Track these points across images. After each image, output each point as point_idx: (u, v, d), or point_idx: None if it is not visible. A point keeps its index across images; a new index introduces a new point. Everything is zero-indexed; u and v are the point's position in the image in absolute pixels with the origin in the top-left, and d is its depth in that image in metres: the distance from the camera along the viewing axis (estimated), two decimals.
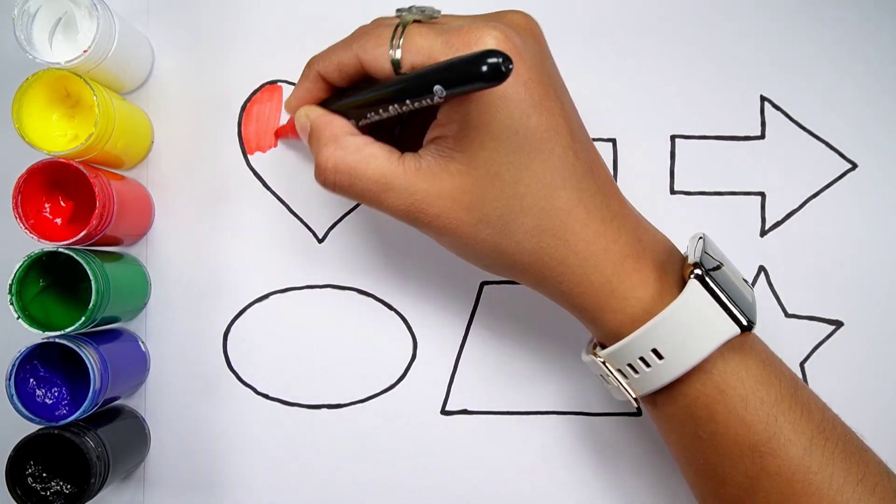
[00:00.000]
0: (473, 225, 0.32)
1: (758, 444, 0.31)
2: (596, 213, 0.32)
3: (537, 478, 0.42)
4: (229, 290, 0.42)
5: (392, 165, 0.32)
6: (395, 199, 0.33)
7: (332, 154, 0.33)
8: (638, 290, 0.32)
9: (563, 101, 0.33)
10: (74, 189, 0.38)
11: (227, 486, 0.42)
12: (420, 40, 0.31)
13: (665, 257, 0.34)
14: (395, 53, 0.32)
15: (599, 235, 0.32)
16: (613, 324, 0.33)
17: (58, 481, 0.36)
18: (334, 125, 0.34)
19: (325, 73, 0.35)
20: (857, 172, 0.43)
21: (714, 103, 0.43)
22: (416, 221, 0.33)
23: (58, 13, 0.38)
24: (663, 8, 0.43)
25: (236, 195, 0.43)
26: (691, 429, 0.33)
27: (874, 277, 0.42)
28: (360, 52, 0.33)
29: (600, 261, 0.32)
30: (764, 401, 0.31)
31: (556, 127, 0.31)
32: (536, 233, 0.32)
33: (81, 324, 0.35)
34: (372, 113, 0.33)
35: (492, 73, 0.27)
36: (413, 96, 0.30)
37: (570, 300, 0.33)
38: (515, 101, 0.31)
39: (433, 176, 0.32)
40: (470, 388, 0.43)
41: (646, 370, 0.32)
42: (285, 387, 0.42)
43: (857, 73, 0.43)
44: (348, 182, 0.33)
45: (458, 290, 0.43)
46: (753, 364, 0.32)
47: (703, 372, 0.32)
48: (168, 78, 0.43)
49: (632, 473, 0.42)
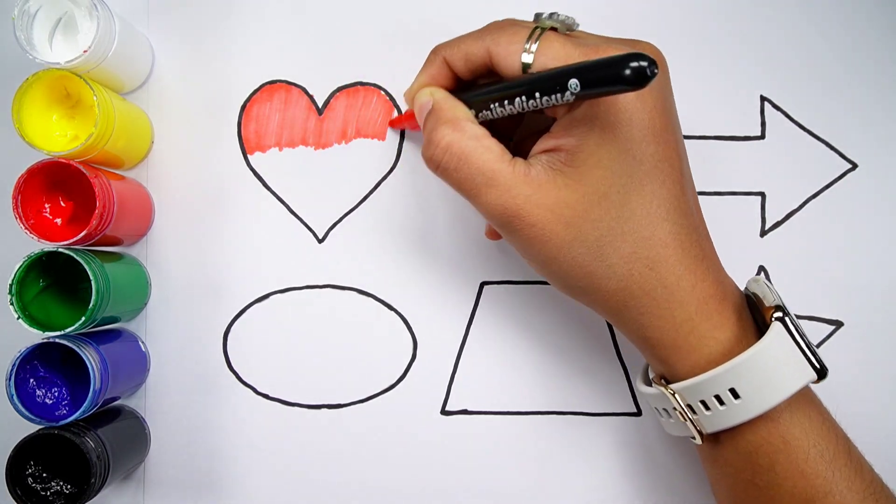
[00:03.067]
0: (568, 241, 0.32)
1: (814, 498, 0.31)
2: (690, 250, 0.32)
3: (537, 478, 0.42)
4: (229, 290, 0.42)
5: (503, 164, 0.32)
6: (495, 197, 0.32)
7: (449, 134, 0.33)
8: (718, 332, 0.32)
9: (678, 136, 0.33)
10: (74, 189, 0.38)
11: (227, 486, 0.42)
12: (557, 46, 0.31)
13: (741, 302, 0.33)
14: (528, 56, 0.31)
15: (690, 272, 0.32)
16: (688, 362, 0.32)
17: (58, 481, 0.36)
18: (458, 109, 0.34)
19: (451, 60, 0.34)
20: (857, 172, 0.43)
21: (714, 103, 0.43)
22: (510, 226, 0.32)
23: (58, 13, 0.38)
24: (663, 8, 0.43)
25: (236, 195, 0.43)
26: (748, 475, 0.32)
27: (874, 277, 0.42)
28: (493, 45, 0.32)
29: (686, 297, 0.32)
30: (823, 455, 0.31)
31: (671, 160, 0.32)
32: (631, 260, 0.31)
33: (81, 324, 0.35)
34: (497, 105, 0.32)
35: (635, 76, 0.26)
36: (544, 90, 0.30)
37: (648, 333, 0.33)
38: (640, 126, 0.31)
39: (540, 185, 0.32)
40: (470, 388, 0.43)
41: (719, 408, 0.32)
42: (285, 387, 0.42)
43: (857, 73, 0.43)
44: (455, 165, 0.33)
45: (458, 290, 0.43)
46: (816, 416, 0.32)
47: (770, 420, 0.31)
48: (168, 78, 0.43)
49: (632, 473, 0.42)
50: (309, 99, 0.43)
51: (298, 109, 0.43)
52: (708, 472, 0.35)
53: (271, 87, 0.43)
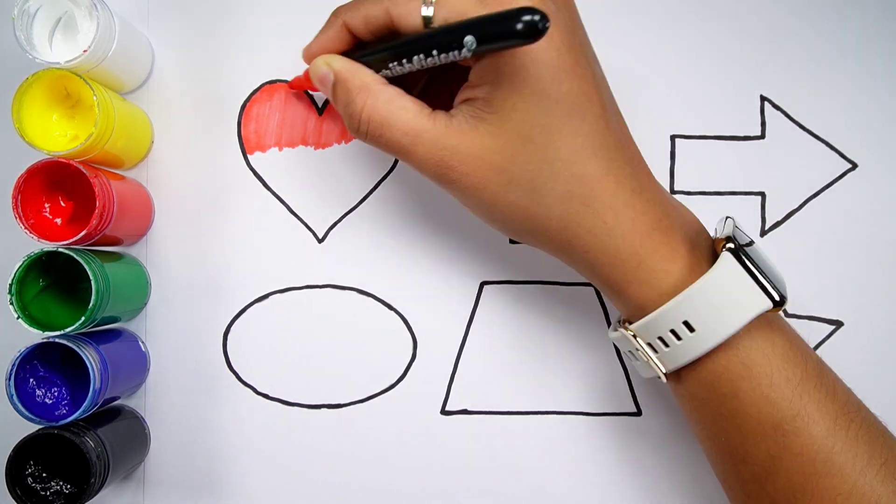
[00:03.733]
0: (503, 186, 0.32)
1: (781, 422, 0.31)
2: (626, 183, 0.32)
3: (537, 478, 0.42)
4: (229, 290, 0.42)
5: (423, 119, 0.32)
6: (424, 153, 0.32)
7: (365, 103, 0.33)
8: (667, 263, 0.32)
9: (594, 70, 0.32)
10: (74, 189, 0.38)
11: (227, 486, 0.42)
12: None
13: (694, 234, 0.33)
14: (427, 9, 0.31)
15: (628, 206, 0.32)
16: (640, 297, 0.32)
17: (58, 481, 0.36)
18: (363, 73, 0.34)
19: (350, 23, 0.34)
20: (857, 172, 0.43)
21: (714, 103, 0.43)
22: (444, 178, 0.33)
23: (58, 13, 0.38)
24: (663, 8, 0.43)
25: (236, 195, 0.43)
26: (715, 406, 0.32)
27: (874, 277, 0.42)
28: (391, 6, 0.32)
29: (628, 231, 0.32)
30: (789, 379, 0.31)
31: (588, 94, 0.31)
32: (566, 198, 0.32)
33: (81, 324, 0.35)
34: (395, 64, 0.32)
35: (527, 30, 0.26)
36: (442, 48, 0.30)
37: (597, 271, 0.33)
38: (548, 65, 0.30)
39: (463, 134, 0.32)
40: (470, 388, 0.43)
41: (676, 343, 0.32)
42: (285, 387, 0.42)
43: (857, 73, 0.43)
44: (378, 132, 0.33)
45: (458, 290, 0.43)
46: (780, 342, 0.32)
47: (729, 348, 0.31)
48: (168, 78, 0.43)
49: (632, 473, 0.42)
50: (309, 99, 0.43)
51: (298, 109, 0.43)
52: (682, 408, 0.35)
53: (271, 87, 0.43)
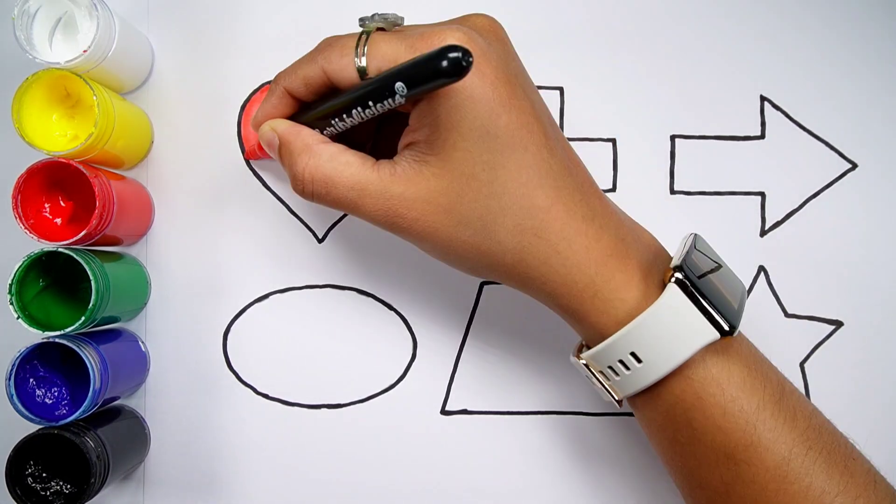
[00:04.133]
0: (453, 227, 0.32)
1: (734, 452, 0.31)
2: (576, 210, 0.32)
3: (537, 478, 0.42)
4: (229, 290, 0.42)
5: (367, 171, 0.32)
6: (372, 205, 0.32)
7: (307, 164, 0.33)
8: (622, 292, 0.32)
9: (532, 99, 0.32)
10: (74, 189, 0.38)
11: (227, 486, 0.42)
12: (385, 46, 0.31)
13: (651, 258, 0.33)
14: (360, 61, 0.31)
15: (580, 234, 0.32)
16: (598, 325, 0.32)
17: (58, 481, 0.36)
18: (304, 135, 0.34)
19: (291, 87, 0.34)
20: (857, 172, 0.43)
21: (714, 103, 0.43)
22: (395, 226, 0.33)
23: (58, 13, 0.38)
24: (663, 8, 0.43)
25: (236, 195, 0.43)
26: (670, 433, 0.33)
27: (874, 277, 0.42)
28: (325, 64, 0.33)
29: (582, 260, 0.32)
30: (743, 409, 0.31)
31: (528, 125, 0.31)
32: (517, 231, 0.31)
33: (81, 324, 0.35)
34: (337, 120, 0.33)
35: (452, 68, 0.27)
36: (376, 98, 0.30)
37: (556, 301, 0.33)
38: (483, 100, 0.30)
39: (408, 180, 0.32)
40: (470, 388, 0.43)
41: (626, 373, 0.32)
42: (285, 386, 0.42)
43: (858, 72, 0.43)
44: (324, 190, 0.33)
45: (458, 290, 0.43)
46: (737, 370, 0.32)
47: (683, 378, 0.31)
48: (168, 78, 0.43)
49: (632, 473, 0.42)
50: None
51: None
52: (643, 430, 0.35)
53: None
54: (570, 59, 0.42)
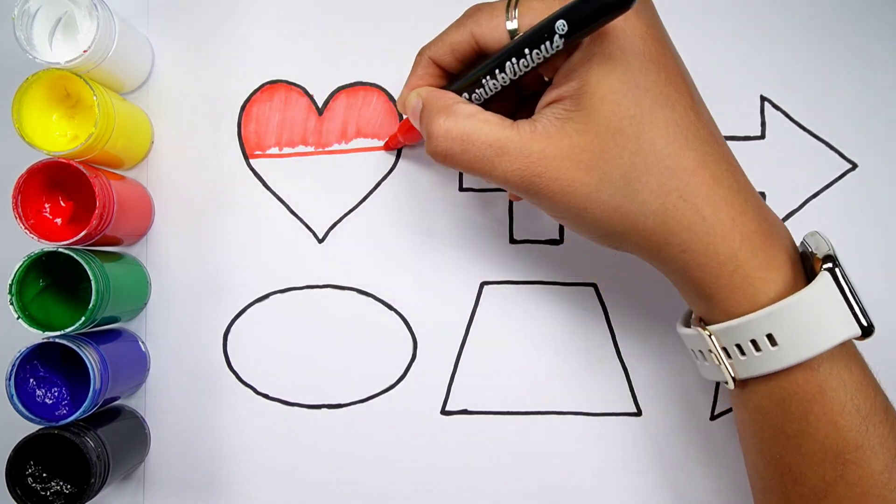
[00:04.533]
0: (594, 185, 0.30)
1: (844, 450, 0.30)
2: (723, 179, 0.30)
3: (537, 478, 0.42)
4: (229, 290, 0.42)
5: (506, 130, 0.31)
6: (509, 164, 0.31)
7: (444, 122, 0.32)
8: (765, 272, 0.30)
9: (679, 63, 0.32)
10: (74, 189, 0.38)
11: (227, 486, 0.42)
12: (538, 5, 0.30)
13: (792, 245, 0.32)
14: (512, 22, 0.31)
15: (727, 203, 0.30)
16: (731, 302, 0.31)
17: (58, 481, 0.36)
18: (446, 97, 0.33)
19: (437, 56, 0.34)
20: (857, 172, 0.43)
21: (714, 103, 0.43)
22: (533, 187, 0.31)
23: (58, 13, 0.38)
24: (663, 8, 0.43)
25: (236, 195, 0.43)
26: (779, 422, 0.32)
27: (874, 277, 0.42)
28: (475, 27, 0.32)
29: (728, 230, 0.30)
30: (860, 409, 0.31)
31: (676, 84, 0.31)
32: (662, 192, 0.30)
33: (81, 324, 0.35)
34: (489, 78, 0.32)
35: None
36: (533, 43, 0.29)
37: (691, 272, 0.31)
38: (636, 53, 0.30)
39: (549, 138, 0.31)
40: (470, 388, 0.43)
41: (755, 354, 0.31)
42: (285, 387, 0.42)
43: (858, 73, 0.43)
44: (461, 148, 0.32)
45: (458, 290, 0.43)
46: (857, 370, 0.31)
47: (809, 369, 0.31)
48: (168, 78, 0.43)
49: (632, 473, 0.42)
50: (309, 99, 0.43)
51: (298, 109, 0.43)
52: (737, 416, 0.35)
53: (271, 87, 0.43)
54: None
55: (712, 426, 0.42)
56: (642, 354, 0.42)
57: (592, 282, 0.43)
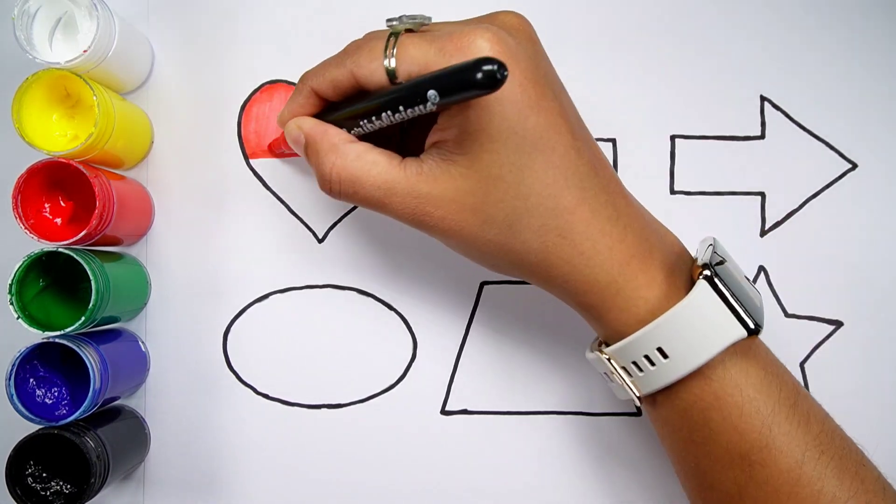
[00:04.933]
0: (479, 226, 0.32)
1: (749, 452, 0.31)
2: (601, 211, 0.32)
3: (537, 478, 0.42)
4: (229, 290, 0.42)
5: (394, 171, 0.32)
6: (398, 204, 0.33)
7: (334, 163, 0.33)
8: (644, 290, 0.32)
9: (561, 100, 0.32)
10: (74, 189, 0.38)
11: (227, 486, 0.42)
12: (413, 50, 0.31)
13: (673, 258, 0.33)
14: (389, 63, 0.31)
15: (605, 234, 0.32)
16: (619, 323, 0.33)
17: (58, 481, 0.36)
18: (330, 134, 0.34)
19: (318, 88, 0.35)
20: (857, 172, 0.43)
21: (714, 103, 0.43)
22: (422, 224, 0.33)
23: (58, 13, 0.38)
24: (663, 8, 0.43)
25: (236, 195, 0.43)
26: (686, 432, 0.33)
27: (874, 277, 0.42)
28: (354, 67, 0.33)
29: (605, 260, 0.32)
30: (760, 410, 0.31)
31: (556, 126, 0.31)
32: (542, 232, 0.32)
33: (81, 324, 0.35)
34: (365, 122, 0.33)
35: (487, 81, 0.27)
36: (407, 104, 0.30)
37: (577, 299, 0.33)
38: (512, 102, 0.30)
39: (435, 179, 0.32)
40: (470, 388, 0.43)
41: (650, 369, 0.32)
42: (285, 386, 0.42)
43: (857, 72, 0.43)
44: (352, 190, 0.33)
45: (458, 290, 0.43)
46: (754, 371, 0.32)
47: (702, 377, 0.32)
48: (168, 78, 0.43)
49: (632, 473, 0.42)
50: None
51: None
52: (656, 430, 0.36)
53: (271, 87, 0.43)
54: (570, 60, 0.42)
55: None
56: None
57: None
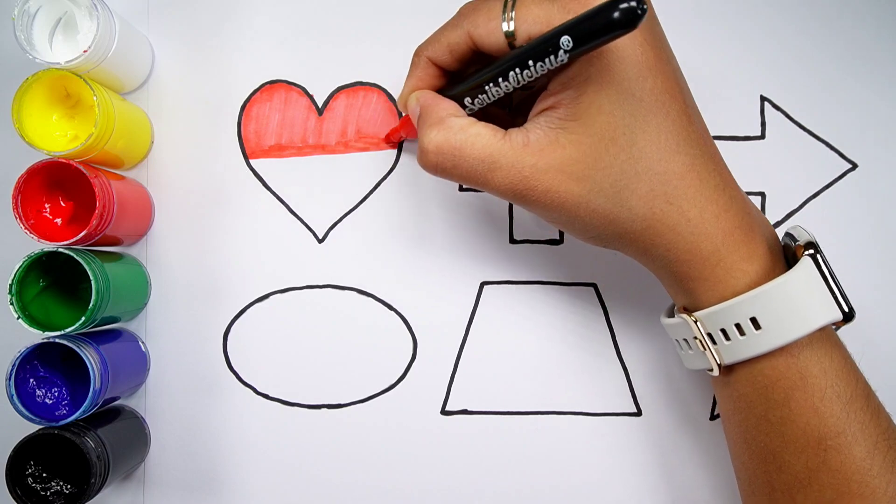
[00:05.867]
0: (585, 195, 0.31)
1: (826, 436, 0.31)
2: (709, 180, 0.31)
3: (537, 478, 0.42)
4: (229, 290, 0.42)
5: (498, 143, 0.32)
6: (502, 178, 0.32)
7: (436, 136, 0.32)
8: (745, 263, 0.32)
9: (674, 65, 0.32)
10: (74, 189, 0.38)
11: (227, 486, 0.42)
12: (535, 8, 0.30)
13: (770, 236, 0.33)
14: (508, 25, 0.31)
15: (712, 202, 0.31)
16: (714, 293, 0.32)
17: (58, 481, 0.36)
18: (441, 107, 0.33)
19: (434, 56, 0.34)
20: (857, 172, 0.43)
21: (714, 103, 0.43)
22: (525, 199, 0.32)
23: (58, 13, 0.38)
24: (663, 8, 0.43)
25: (236, 195, 0.43)
26: (762, 410, 0.32)
27: (874, 277, 0.42)
28: (472, 28, 0.32)
29: (711, 229, 0.31)
30: (840, 396, 0.31)
31: (671, 90, 0.31)
32: (650, 197, 0.31)
33: (81, 324, 0.35)
34: (491, 86, 0.32)
35: (626, 17, 0.26)
36: (537, 56, 0.29)
37: (675, 267, 0.32)
38: (633, 62, 0.30)
39: (541, 150, 0.31)
40: (470, 388, 0.43)
41: (739, 338, 0.32)
42: (285, 386, 0.42)
43: (857, 72, 0.43)
44: (451, 163, 0.32)
45: (458, 290, 0.43)
46: (838, 357, 0.32)
47: (790, 355, 0.31)
48: (168, 78, 0.43)
49: (632, 473, 0.42)
50: (309, 99, 0.43)
51: (298, 109, 0.43)
52: (721, 406, 0.35)
53: (271, 87, 0.43)
54: None
55: (712, 426, 0.42)
56: (642, 354, 0.42)
57: (592, 282, 0.43)
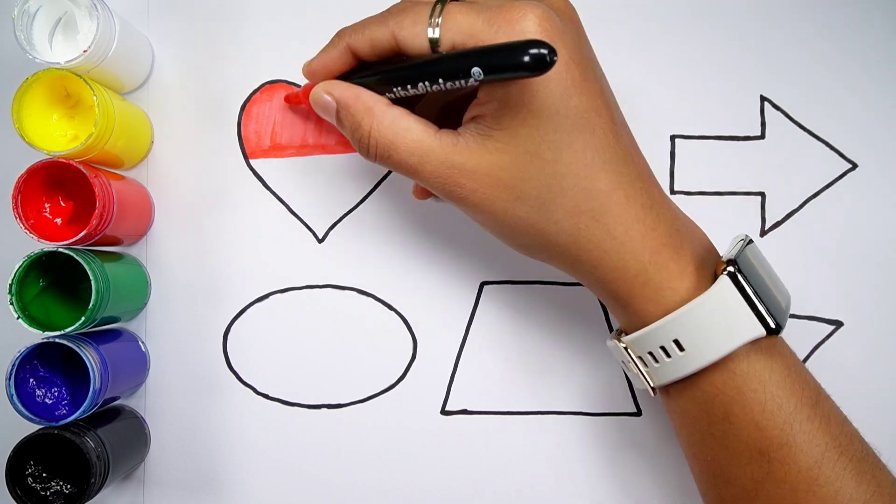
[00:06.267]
0: (511, 202, 0.32)
1: (768, 449, 0.31)
2: (636, 198, 0.32)
3: (537, 478, 0.42)
4: (229, 290, 0.42)
5: (429, 139, 0.32)
6: (431, 172, 0.32)
7: (371, 126, 0.33)
8: (674, 281, 0.32)
9: (602, 84, 0.32)
10: (74, 189, 0.38)
11: (227, 486, 0.42)
12: (461, 18, 0.30)
13: (703, 252, 0.33)
14: (433, 32, 0.31)
15: (638, 221, 0.32)
16: (644, 313, 0.32)
17: (58, 481, 0.36)
18: (364, 97, 0.33)
19: (355, 46, 0.34)
20: (857, 172, 0.43)
21: (714, 103, 0.43)
22: (453, 195, 0.33)
23: (58, 13, 0.38)
24: (663, 8, 0.43)
25: (236, 195, 0.43)
26: (704, 425, 0.32)
27: (874, 277, 0.42)
28: (397, 29, 0.32)
29: (637, 247, 0.32)
30: (782, 407, 0.31)
31: (598, 108, 0.31)
32: (575, 213, 0.31)
33: (81, 324, 0.35)
34: (399, 88, 0.32)
35: (535, 64, 0.26)
36: (448, 77, 0.30)
37: (604, 286, 0.33)
38: (556, 80, 0.30)
39: (470, 152, 0.32)
40: (470, 388, 0.43)
41: (666, 360, 0.32)
42: (285, 386, 0.42)
43: (857, 73, 0.43)
44: (385, 154, 0.33)
45: (458, 290, 0.43)
46: (778, 369, 0.32)
47: (725, 370, 0.31)
48: (168, 78, 0.43)
49: (632, 473, 0.42)
50: None
51: (298, 109, 0.43)
52: (671, 421, 0.35)
53: (271, 87, 0.43)
54: None
55: None
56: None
57: None
